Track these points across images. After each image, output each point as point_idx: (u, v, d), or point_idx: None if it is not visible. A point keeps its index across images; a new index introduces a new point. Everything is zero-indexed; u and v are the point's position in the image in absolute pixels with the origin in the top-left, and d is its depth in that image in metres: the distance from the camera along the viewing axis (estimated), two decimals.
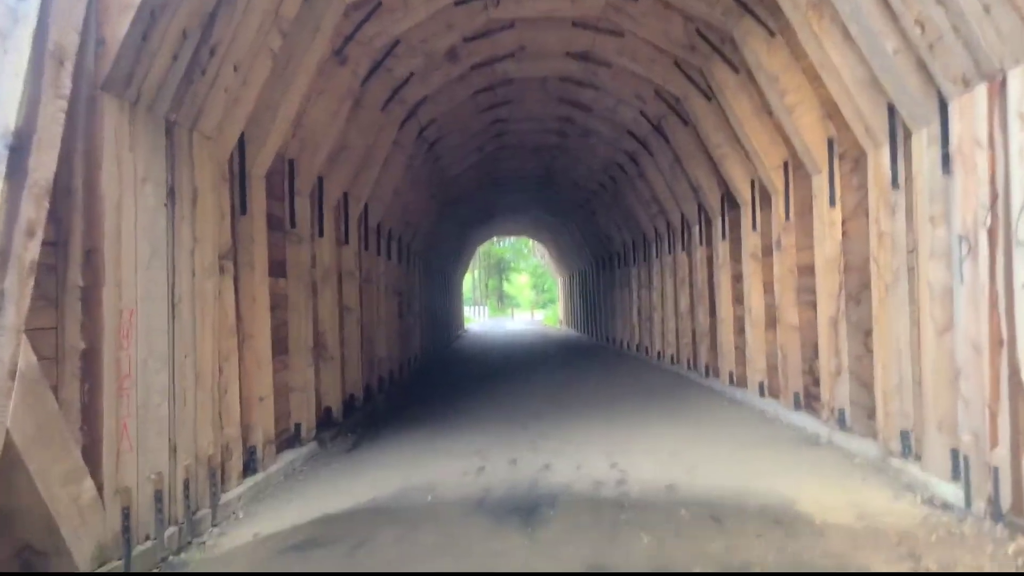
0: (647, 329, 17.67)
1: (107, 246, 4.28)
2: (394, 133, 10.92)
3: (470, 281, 77.98)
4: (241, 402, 6.19)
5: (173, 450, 4.87)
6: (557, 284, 44.14)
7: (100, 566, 4.06)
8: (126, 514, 4.28)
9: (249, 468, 6.29)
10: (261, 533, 5.12)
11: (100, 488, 4.11)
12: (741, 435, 8.05)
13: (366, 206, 11.44)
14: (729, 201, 11.34)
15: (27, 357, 3.62)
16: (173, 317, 4.99)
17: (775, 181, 9.15)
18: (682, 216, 13.91)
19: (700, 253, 12.87)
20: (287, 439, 7.46)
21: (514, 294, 78.80)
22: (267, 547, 4.84)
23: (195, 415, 5.19)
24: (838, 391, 7.56)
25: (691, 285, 13.64)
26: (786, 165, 8.99)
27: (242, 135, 6.24)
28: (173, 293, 5.01)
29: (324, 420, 8.72)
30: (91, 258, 4.21)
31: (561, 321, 38.86)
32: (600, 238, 22.66)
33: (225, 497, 5.59)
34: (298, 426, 7.66)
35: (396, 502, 5.79)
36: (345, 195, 10.15)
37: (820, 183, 7.93)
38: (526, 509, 5.41)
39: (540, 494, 5.85)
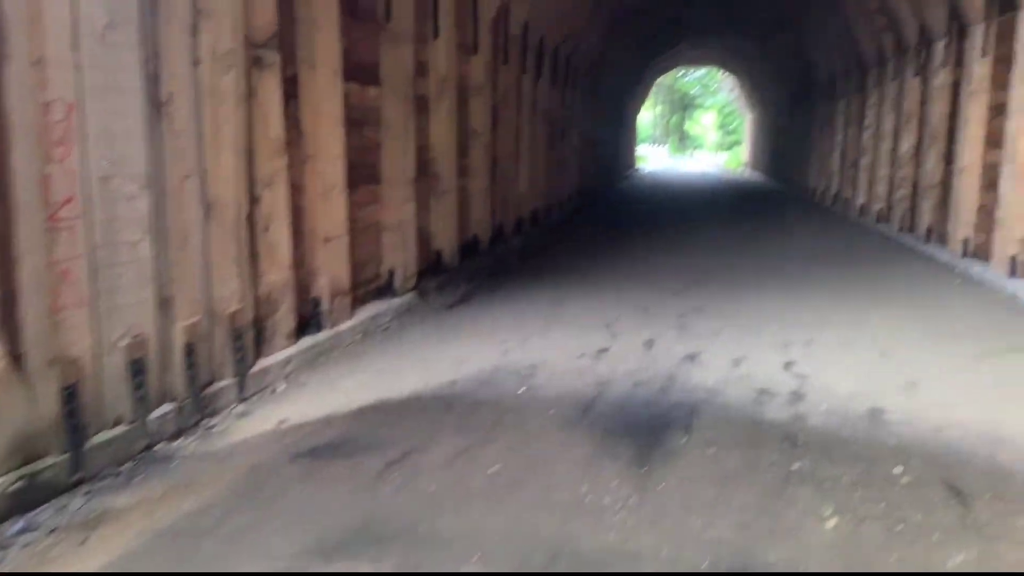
0: (850, 177, 14.51)
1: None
2: None
3: (651, 117, 73.36)
4: (297, 242, 4.84)
5: (164, 304, 3.58)
6: (744, 122, 39.50)
7: (26, 462, 2.93)
8: (71, 392, 3.08)
9: (312, 325, 5.05)
10: (288, 420, 3.85)
11: (16, 358, 2.89)
12: (986, 332, 5.69)
13: (506, 6, 9.33)
14: None
15: None
16: (160, 121, 3.53)
17: None
18: (921, 28, 10.46)
19: (943, 76, 9.62)
20: (376, 288, 6.16)
21: (698, 134, 73.09)
22: (282, 445, 3.56)
23: (206, 258, 3.86)
24: None
25: (921, 121, 10.46)
26: None
27: None
28: (158, 87, 3.52)
29: (433, 265, 7.34)
30: None
31: (746, 164, 34.93)
32: (802, 65, 18.83)
33: (264, 363, 4.37)
34: (392, 272, 6.31)
35: (479, 390, 4.31)
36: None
37: None
38: (647, 429, 3.71)
39: (673, 403, 4.10)
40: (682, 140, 73.22)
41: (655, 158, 54.74)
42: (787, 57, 19.99)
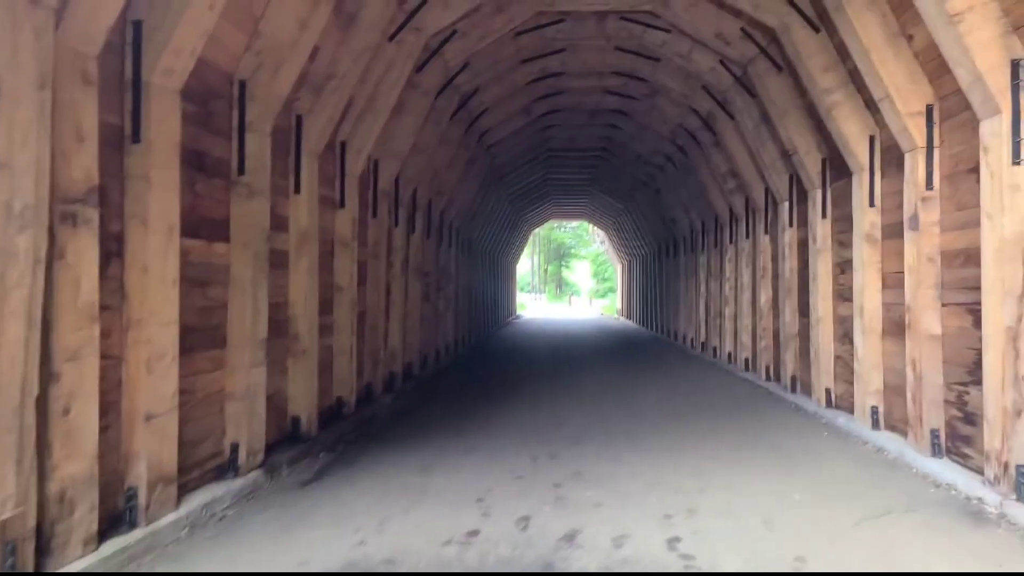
0: (716, 326, 15.10)
1: None
2: (408, 70, 8.71)
3: (530, 266, 76.10)
4: (110, 422, 4.12)
5: None
6: (616, 272, 41.50)
7: None
8: None
9: (124, 522, 4.23)
10: None
11: None
12: (863, 492, 5.59)
13: (375, 162, 9.30)
14: (834, 168, 8.77)
15: None
16: None
17: (913, 133, 6.56)
18: (767, 191, 11.32)
19: (790, 236, 10.29)
20: (216, 468, 5.38)
21: (575, 282, 76.19)
22: None
23: None
24: (1017, 440, 5.04)
25: (776, 276, 11.07)
26: (930, 111, 6.42)
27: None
28: None
29: (288, 435, 6.64)
30: None
31: (619, 312, 36.28)
32: (664, 220, 20.07)
33: None
34: (235, 447, 5.57)
35: None
36: (341, 143, 8.03)
37: (996, 128, 5.35)
38: None
39: None
40: (560, 287, 76.12)
41: (535, 305, 56.20)
42: (650, 213, 21.31)
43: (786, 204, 10.36)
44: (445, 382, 11.99)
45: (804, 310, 9.87)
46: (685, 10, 9.30)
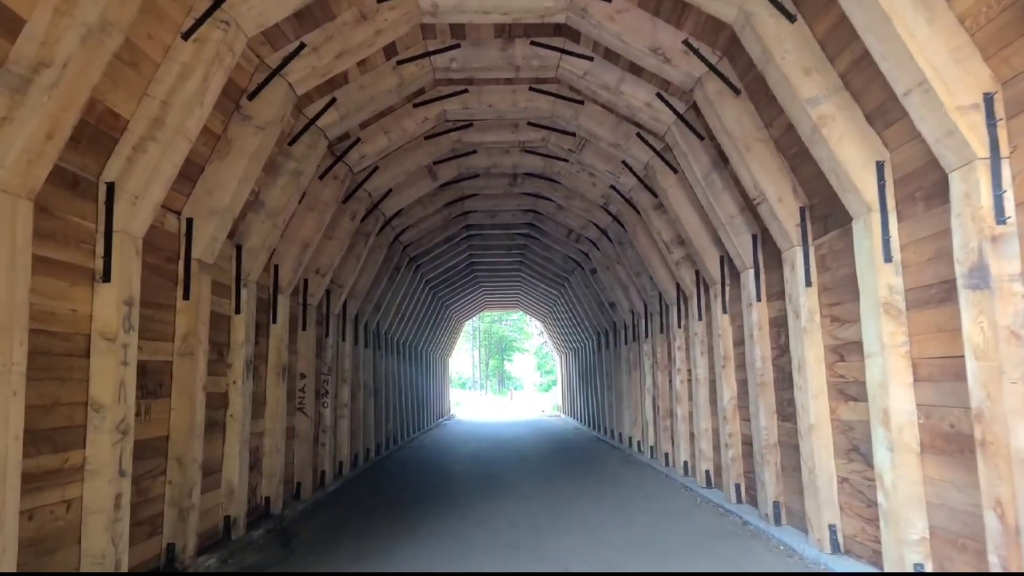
0: (666, 428, 12.44)
1: None
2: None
3: (470, 361, 72.83)
4: None
5: None
6: (557, 364, 38.87)
7: None
8: None
9: None
10: None
11: None
12: None
13: (188, 222, 6.59)
14: (818, 217, 6.49)
15: None
16: None
17: (967, 136, 4.23)
18: (723, 258, 9.01)
19: (759, 313, 7.87)
20: None
21: (517, 376, 73.07)
22: None
23: None
24: None
25: (742, 366, 8.58)
26: (990, 102, 4.13)
27: None
28: None
29: None
30: None
31: (561, 408, 33.39)
32: (602, 305, 17.68)
33: None
34: None
35: None
36: (108, 186, 5.33)
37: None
38: None
39: None
40: (502, 382, 72.87)
41: (475, 402, 52.86)
42: (586, 297, 18.94)
43: (751, 272, 7.98)
44: (318, 521, 8.86)
45: (786, 412, 7.33)
46: (610, 19, 7.09)
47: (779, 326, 7.49)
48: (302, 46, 6.94)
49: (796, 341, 6.73)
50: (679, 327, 11.30)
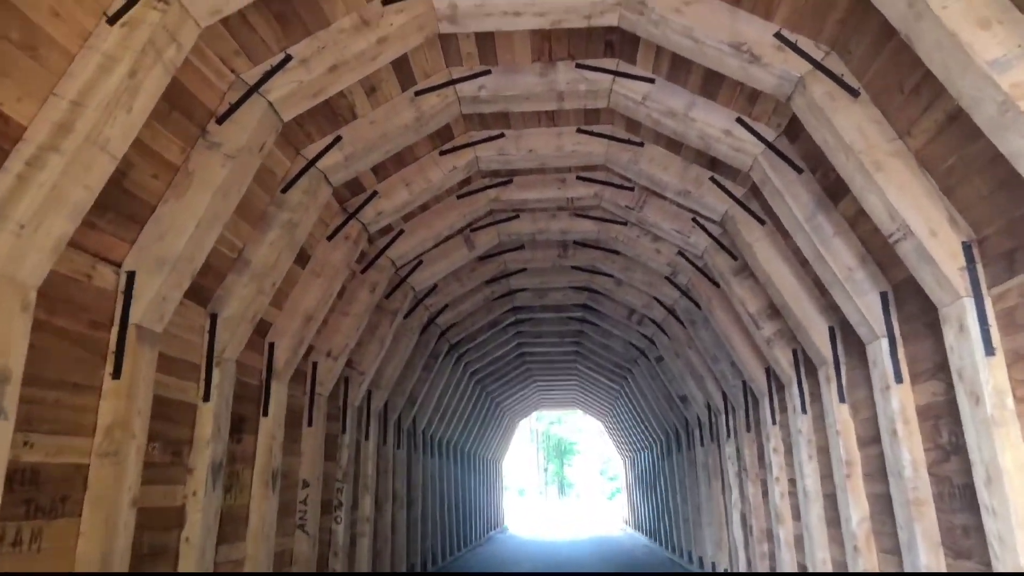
0: (764, 554, 9.90)
1: None
2: None
3: (529, 464, 69.41)
4: None
5: None
6: (621, 469, 35.80)
7: None
8: None
9: None
10: None
11: None
12: None
13: (129, 276, 4.98)
14: None
15: None
16: None
17: None
18: (832, 332, 6.89)
19: (899, 399, 5.67)
20: None
21: (579, 480, 69.14)
22: None
23: None
24: None
25: (883, 473, 6.28)
26: None
27: None
28: None
29: None
30: None
31: (626, 521, 30.22)
32: (670, 399, 15.39)
33: None
34: None
35: None
36: None
37: None
38: None
39: None
40: (562, 489, 68.94)
41: (532, 510, 49.48)
42: (651, 390, 16.66)
43: (883, 343, 5.83)
44: None
45: (961, 546, 5.02)
46: (676, 12, 5.40)
47: (936, 417, 5.29)
48: (288, 58, 5.48)
49: (979, 438, 4.52)
50: (773, 423, 9.03)
